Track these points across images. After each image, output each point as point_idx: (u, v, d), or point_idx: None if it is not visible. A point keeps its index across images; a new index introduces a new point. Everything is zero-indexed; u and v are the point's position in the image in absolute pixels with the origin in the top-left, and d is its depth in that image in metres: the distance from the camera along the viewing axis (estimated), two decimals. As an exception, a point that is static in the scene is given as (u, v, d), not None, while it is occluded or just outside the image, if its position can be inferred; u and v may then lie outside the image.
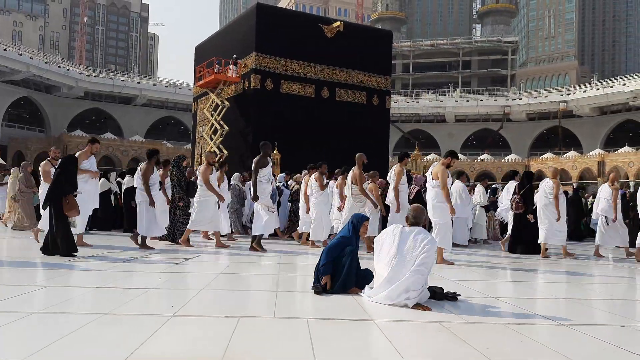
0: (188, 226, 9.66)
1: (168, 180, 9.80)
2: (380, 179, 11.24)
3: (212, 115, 23.80)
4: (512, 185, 11.36)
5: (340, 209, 10.03)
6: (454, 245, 10.74)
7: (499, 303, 5.03)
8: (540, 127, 68.47)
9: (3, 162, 46.26)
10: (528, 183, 10.52)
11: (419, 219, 4.92)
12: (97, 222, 12.74)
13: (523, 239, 10.29)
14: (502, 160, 60.52)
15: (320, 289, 4.98)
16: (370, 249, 9.14)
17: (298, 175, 12.94)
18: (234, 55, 22.61)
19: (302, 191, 10.97)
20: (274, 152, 20.27)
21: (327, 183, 10.72)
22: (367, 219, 5.54)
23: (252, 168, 9.06)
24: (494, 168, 57.83)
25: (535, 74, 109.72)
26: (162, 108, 69.96)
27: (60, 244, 7.37)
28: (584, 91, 62.53)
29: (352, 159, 9.73)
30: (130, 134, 63.45)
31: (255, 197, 8.90)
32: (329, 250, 5.13)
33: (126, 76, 72.08)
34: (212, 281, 5.70)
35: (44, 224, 8.36)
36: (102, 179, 12.95)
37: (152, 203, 8.91)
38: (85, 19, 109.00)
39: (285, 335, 3.57)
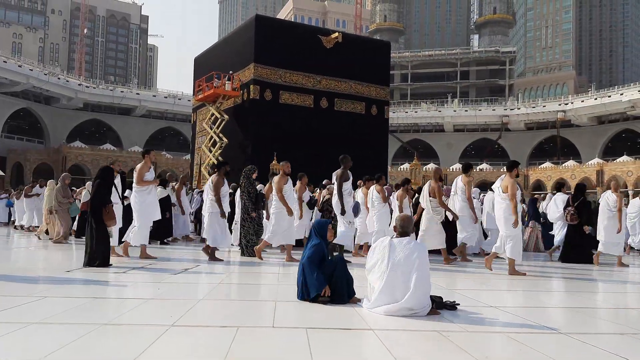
0: (266, 239, 9.30)
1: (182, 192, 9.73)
2: (445, 186, 11.32)
3: (211, 128, 23.83)
4: (560, 196, 11.57)
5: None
6: (475, 255, 10.83)
7: (499, 312, 5.03)
8: (539, 137, 68.61)
9: (2, 174, 46.22)
10: (581, 195, 10.85)
11: (407, 229, 4.93)
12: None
13: (577, 248, 10.56)
14: (501, 170, 60.50)
15: (326, 300, 4.98)
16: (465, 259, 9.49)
17: (331, 185, 12.81)
18: (230, 72, 22.74)
19: (361, 202, 10.60)
20: (273, 162, 20.28)
21: (389, 195, 10.77)
22: (331, 223, 5.61)
23: (336, 182, 9.10)
24: (493, 178, 57.74)
25: (533, 83, 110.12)
26: (161, 119, 70.06)
27: (99, 254, 7.45)
28: (582, 101, 62.73)
29: (351, 169, 9.71)
30: (130, 144, 63.50)
31: (343, 212, 9.04)
32: (312, 261, 5.10)
33: (126, 87, 72.26)
34: (211, 291, 5.69)
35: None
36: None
37: (222, 214, 8.88)
38: (85, 30, 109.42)
39: (284, 344, 3.57)
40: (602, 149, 63.67)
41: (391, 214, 10.26)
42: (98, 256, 7.43)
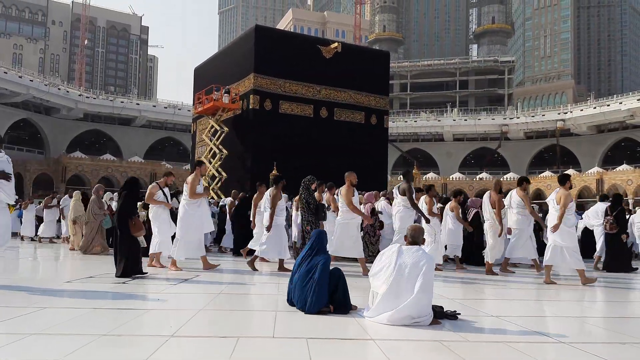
0: (331, 251, 8.72)
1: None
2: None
3: (210, 140, 23.85)
4: (601, 206, 11.62)
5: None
6: (513, 265, 10.78)
7: (500, 322, 5.01)
8: (538, 146, 68.68)
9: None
10: (619, 205, 11.00)
11: (417, 238, 4.96)
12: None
13: (618, 257, 10.70)
14: (501, 179, 60.55)
15: (328, 310, 4.97)
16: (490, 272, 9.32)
17: (369, 193, 12.75)
18: (227, 86, 22.84)
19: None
20: (273, 171, 20.27)
21: (440, 207, 10.73)
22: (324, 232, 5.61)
23: (408, 196, 9.03)
24: (492, 187, 57.85)
25: (532, 93, 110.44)
26: (161, 129, 70.18)
27: (125, 264, 7.44)
28: (581, 110, 62.85)
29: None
30: (130, 154, 63.55)
31: (427, 220, 9.05)
32: (323, 278, 5.07)
33: (126, 97, 72.44)
34: (211, 301, 5.68)
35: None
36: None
37: (269, 228, 8.88)
38: (86, 41, 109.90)
39: (284, 354, 3.56)
40: (602, 157, 63.71)
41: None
42: (128, 266, 7.44)
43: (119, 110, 65.58)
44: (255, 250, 9.34)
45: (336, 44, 23.63)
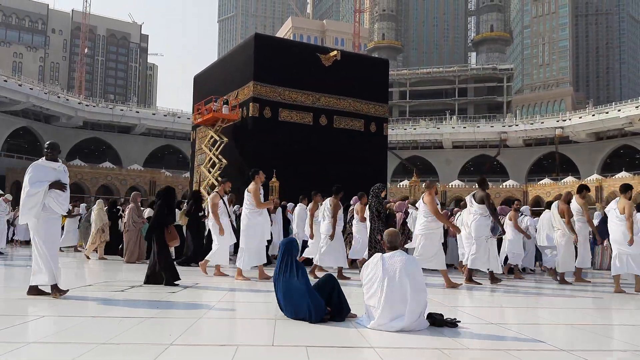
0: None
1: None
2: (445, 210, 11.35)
3: (210, 150, 23.85)
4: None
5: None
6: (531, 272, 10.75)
7: (500, 329, 5.00)
8: (537, 153, 68.77)
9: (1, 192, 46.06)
10: None
11: (395, 242, 4.98)
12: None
13: None
14: (500, 187, 60.63)
15: (327, 318, 4.96)
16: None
17: (392, 203, 12.67)
18: (224, 98, 22.87)
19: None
20: (272, 179, 20.28)
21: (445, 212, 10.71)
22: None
23: (486, 204, 8.91)
24: (492, 194, 57.84)
25: (531, 100, 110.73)
26: (160, 137, 70.27)
27: (164, 274, 7.46)
28: (580, 117, 63.00)
29: (350, 185, 9.74)
30: (129, 162, 63.59)
31: (503, 231, 9.02)
32: (310, 285, 5.08)
33: (125, 106, 72.55)
34: (211, 309, 5.66)
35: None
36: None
37: (332, 236, 8.91)
38: (86, 50, 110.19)
39: (284, 363, 3.54)
40: (601, 165, 63.79)
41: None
42: (162, 275, 7.46)
43: (118, 119, 65.67)
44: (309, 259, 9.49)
45: (335, 52, 23.67)
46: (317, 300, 4.91)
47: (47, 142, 6.50)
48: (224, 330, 4.67)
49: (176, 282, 7.52)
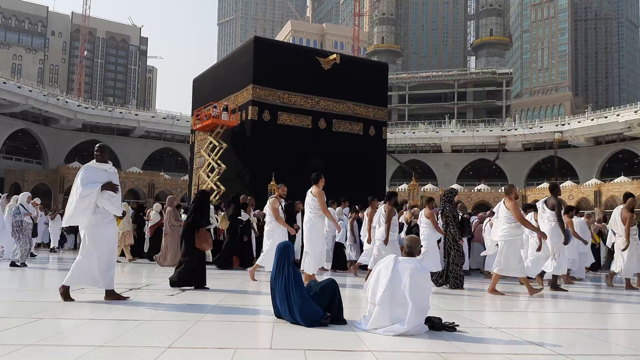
0: (496, 271, 8.31)
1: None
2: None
3: (209, 156, 23.84)
4: None
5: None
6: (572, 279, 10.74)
7: (499, 334, 4.99)
8: (536, 157, 68.84)
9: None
10: None
11: (414, 249, 4.99)
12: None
13: None
14: (499, 191, 60.62)
15: (326, 322, 4.95)
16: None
17: (416, 209, 12.59)
18: (225, 103, 22.87)
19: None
20: (271, 182, 20.27)
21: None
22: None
23: (556, 212, 8.84)
24: (490, 198, 57.90)
25: (530, 104, 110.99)
26: (159, 139, 70.25)
27: (192, 277, 7.46)
28: (579, 121, 63.08)
29: (350, 189, 9.75)
30: (128, 165, 63.54)
31: (567, 241, 8.88)
32: (302, 288, 5.08)
33: (124, 108, 72.55)
34: (209, 312, 5.65)
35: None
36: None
37: (386, 242, 8.97)
38: (85, 52, 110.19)
39: (282, 366, 3.54)
40: (600, 169, 63.85)
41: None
42: (193, 279, 7.47)
43: (117, 121, 65.66)
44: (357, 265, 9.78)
45: (335, 56, 23.72)
46: (312, 307, 4.90)
47: (97, 145, 6.52)
48: (222, 333, 4.65)
49: (206, 286, 7.53)
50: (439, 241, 9.56)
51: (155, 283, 8.30)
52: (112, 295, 6.22)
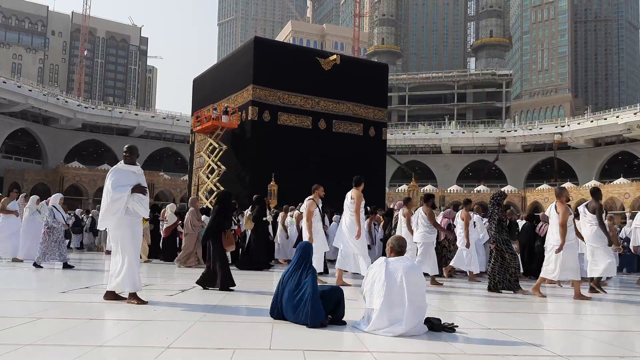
0: (551, 277, 8.27)
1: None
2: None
3: (209, 157, 23.84)
4: None
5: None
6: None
7: (498, 335, 4.99)
8: (536, 159, 68.86)
9: (-1, 194, 46.00)
10: None
11: (403, 248, 5.00)
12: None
13: None
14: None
15: (326, 323, 4.95)
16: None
17: (449, 210, 12.67)
18: (226, 105, 22.86)
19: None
20: (271, 182, 20.27)
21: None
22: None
23: (597, 215, 8.76)
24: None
25: (530, 106, 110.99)
26: (159, 139, 70.24)
27: (218, 278, 7.45)
28: (578, 123, 63.11)
29: (349, 189, 9.72)
30: (128, 165, 63.43)
31: (610, 243, 8.81)
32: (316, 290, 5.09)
33: (124, 108, 72.54)
34: (208, 312, 5.65)
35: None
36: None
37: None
38: (85, 52, 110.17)
39: (281, 367, 3.53)
40: (599, 171, 63.88)
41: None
42: (218, 280, 7.46)
43: (117, 121, 65.66)
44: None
45: (335, 56, 23.73)
46: (320, 307, 4.90)
47: (126, 146, 6.53)
48: (221, 333, 4.65)
49: (231, 288, 7.52)
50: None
51: (154, 283, 8.30)
52: (110, 296, 6.22)
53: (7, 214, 11.95)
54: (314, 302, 4.88)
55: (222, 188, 22.62)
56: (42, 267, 10.43)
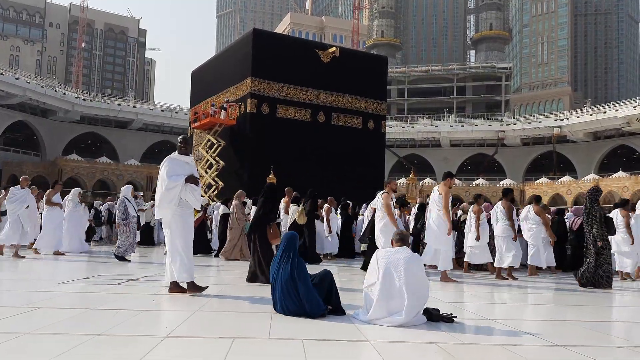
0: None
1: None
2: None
3: (207, 152, 23.78)
4: None
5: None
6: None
7: (496, 325, 5.00)
8: (535, 152, 68.86)
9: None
10: None
11: (406, 240, 5.01)
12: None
13: None
14: (498, 185, 60.68)
15: (326, 313, 4.95)
16: None
17: (465, 204, 12.57)
18: (225, 99, 22.79)
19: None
20: (270, 176, 20.25)
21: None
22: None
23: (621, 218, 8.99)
24: (489, 193, 57.93)
25: (529, 99, 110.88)
26: (158, 132, 70.08)
27: (263, 272, 7.36)
28: (578, 117, 63.06)
29: (348, 182, 9.72)
30: (126, 158, 63.43)
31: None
32: (306, 278, 5.08)
33: (122, 100, 72.32)
34: (207, 302, 5.65)
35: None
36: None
37: (515, 238, 9.24)
38: (83, 44, 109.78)
39: (280, 355, 3.54)
40: (598, 164, 63.90)
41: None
42: (263, 274, 7.38)
43: (115, 113, 65.48)
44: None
45: (334, 49, 23.66)
46: (315, 297, 4.90)
47: (181, 137, 6.54)
48: (220, 323, 4.66)
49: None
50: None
51: (153, 274, 8.29)
52: (176, 289, 6.22)
53: (52, 206, 11.88)
54: (309, 293, 4.88)
55: (220, 183, 22.61)
56: (129, 261, 10.24)
